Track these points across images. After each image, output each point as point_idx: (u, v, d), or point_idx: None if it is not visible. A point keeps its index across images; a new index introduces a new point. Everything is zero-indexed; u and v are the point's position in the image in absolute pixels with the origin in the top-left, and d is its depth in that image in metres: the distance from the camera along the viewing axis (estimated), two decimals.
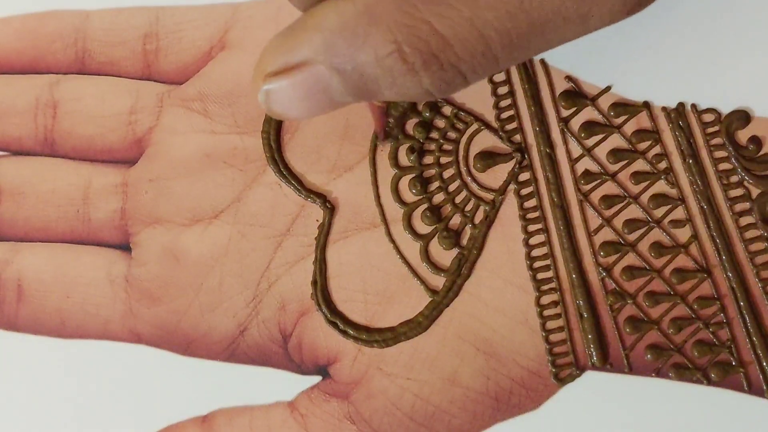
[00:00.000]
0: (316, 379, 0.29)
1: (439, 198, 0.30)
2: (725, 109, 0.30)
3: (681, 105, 0.30)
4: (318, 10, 0.19)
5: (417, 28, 0.18)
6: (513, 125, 0.30)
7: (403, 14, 0.18)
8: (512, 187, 0.30)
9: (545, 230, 0.29)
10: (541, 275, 0.29)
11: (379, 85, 0.19)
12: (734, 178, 0.29)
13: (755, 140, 0.29)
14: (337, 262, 0.29)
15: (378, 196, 0.30)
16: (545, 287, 0.29)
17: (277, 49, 0.20)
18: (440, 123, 0.30)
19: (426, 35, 0.18)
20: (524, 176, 0.30)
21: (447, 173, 0.30)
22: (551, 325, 0.29)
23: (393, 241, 0.29)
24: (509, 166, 0.30)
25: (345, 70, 0.19)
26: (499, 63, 0.19)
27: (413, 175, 0.30)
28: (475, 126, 0.30)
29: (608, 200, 0.29)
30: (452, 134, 0.30)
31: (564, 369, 0.28)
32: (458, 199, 0.30)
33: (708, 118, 0.30)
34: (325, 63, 0.19)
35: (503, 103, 0.30)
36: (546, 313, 0.29)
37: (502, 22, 0.18)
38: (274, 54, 0.20)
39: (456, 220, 0.30)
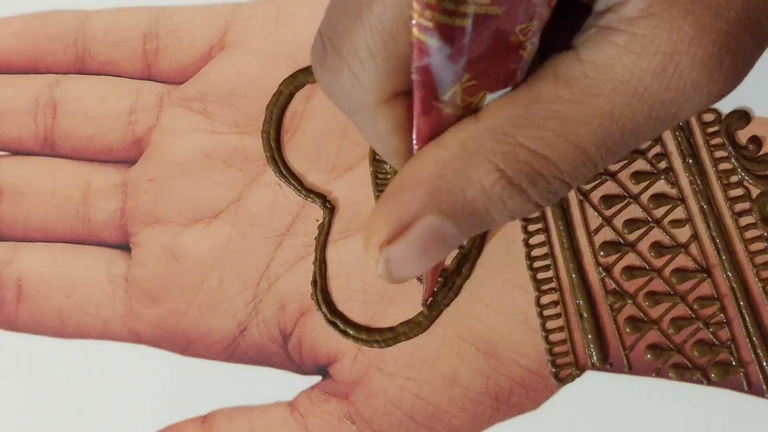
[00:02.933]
0: (316, 379, 0.29)
1: None
2: (725, 109, 0.30)
3: None
4: (413, 164, 0.19)
5: (515, 153, 0.18)
6: None
7: (498, 143, 0.18)
8: None
9: (545, 230, 0.29)
10: (541, 275, 0.29)
11: (491, 213, 0.19)
12: (734, 178, 0.29)
13: (755, 140, 0.29)
14: (337, 262, 0.29)
15: (378, 197, 0.30)
16: (545, 287, 0.29)
17: (384, 216, 0.19)
18: None
19: (525, 157, 0.18)
20: None
21: None
22: (551, 325, 0.29)
23: None
24: None
25: (455, 213, 0.19)
26: (597, 168, 0.19)
27: None
28: None
29: (608, 200, 0.29)
30: None
31: (564, 369, 0.28)
32: None
33: (708, 118, 0.30)
34: (434, 212, 0.19)
35: None
36: (546, 313, 0.29)
37: (597, 135, 0.18)
38: (382, 222, 0.19)
39: None
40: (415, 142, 0.19)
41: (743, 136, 0.30)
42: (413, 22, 0.16)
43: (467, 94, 0.18)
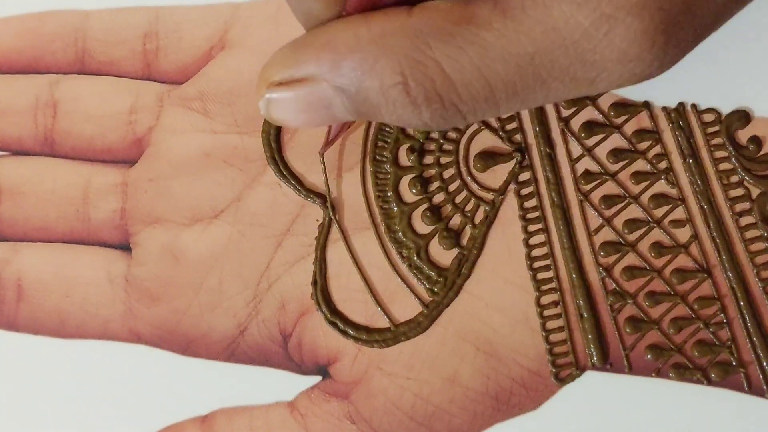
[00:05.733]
0: (316, 379, 0.29)
1: (439, 198, 0.30)
2: (725, 109, 0.30)
3: (681, 105, 0.30)
4: (330, 28, 0.19)
5: (426, 65, 0.18)
6: (513, 125, 0.30)
7: (414, 50, 0.18)
8: (512, 187, 0.30)
9: (545, 230, 0.29)
10: (541, 275, 0.29)
11: (380, 110, 0.19)
12: (734, 178, 0.29)
13: (755, 140, 0.29)
14: (337, 262, 0.29)
15: (379, 197, 0.30)
16: (545, 287, 0.29)
17: (284, 61, 0.20)
18: None
19: (433, 74, 0.18)
20: (524, 176, 0.30)
21: (447, 173, 0.30)
22: (551, 325, 0.29)
23: (395, 240, 0.30)
24: (509, 166, 0.30)
25: (349, 92, 0.19)
26: (499, 109, 0.19)
27: (413, 175, 0.30)
28: (475, 126, 0.30)
29: (608, 200, 0.29)
30: (452, 134, 0.30)
31: (564, 369, 0.28)
32: (458, 199, 0.30)
33: (708, 118, 0.30)
34: (330, 82, 0.19)
35: None
36: (546, 313, 0.29)
37: (510, 75, 0.18)
38: (281, 65, 0.20)
39: (456, 220, 0.30)
40: (346, 8, 0.19)
41: (743, 136, 0.30)
42: None
43: None
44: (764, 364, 0.28)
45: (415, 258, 0.29)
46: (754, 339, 0.28)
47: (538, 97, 0.19)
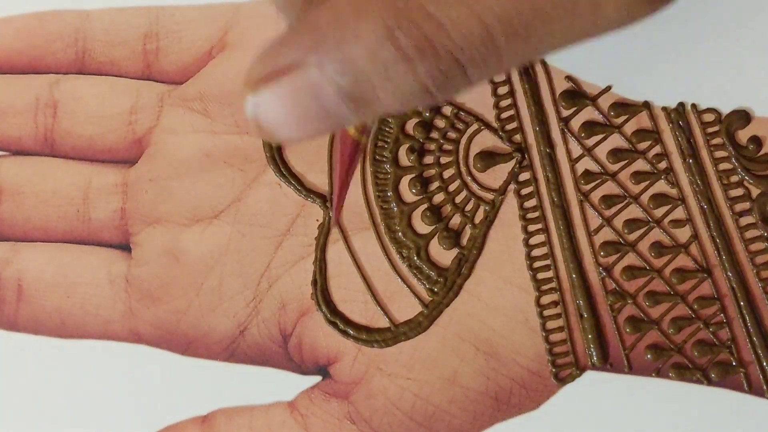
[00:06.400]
0: (316, 379, 0.29)
1: (439, 198, 0.30)
2: (725, 109, 0.30)
3: (681, 105, 0.30)
4: (311, 11, 0.18)
5: (409, 11, 0.16)
6: (513, 125, 0.30)
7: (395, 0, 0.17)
8: (512, 187, 0.30)
9: (545, 230, 0.29)
10: (541, 275, 0.29)
11: (374, 84, 0.17)
12: (734, 178, 0.29)
13: (755, 140, 0.29)
14: (337, 262, 0.29)
15: (379, 197, 0.30)
16: (545, 287, 0.29)
17: (265, 54, 0.18)
18: (440, 123, 0.30)
19: (418, 18, 0.16)
20: (524, 176, 0.30)
21: (447, 173, 0.30)
22: (551, 325, 0.29)
23: (395, 240, 0.30)
24: (509, 166, 0.30)
25: (336, 71, 0.17)
26: (502, 55, 0.17)
27: (413, 175, 0.30)
28: (475, 126, 0.30)
29: (608, 200, 0.29)
30: (452, 134, 0.30)
31: (564, 369, 0.28)
32: (458, 199, 0.30)
33: (708, 118, 0.30)
34: (315, 63, 0.17)
35: (503, 103, 0.30)
36: (546, 313, 0.29)
37: (505, 9, 0.17)
38: (262, 60, 0.18)
39: (456, 220, 0.30)
40: None
41: (743, 136, 0.30)
42: None
43: None
44: (764, 364, 0.28)
45: (415, 258, 0.29)
46: (754, 339, 0.28)
47: (540, 37, 0.17)
